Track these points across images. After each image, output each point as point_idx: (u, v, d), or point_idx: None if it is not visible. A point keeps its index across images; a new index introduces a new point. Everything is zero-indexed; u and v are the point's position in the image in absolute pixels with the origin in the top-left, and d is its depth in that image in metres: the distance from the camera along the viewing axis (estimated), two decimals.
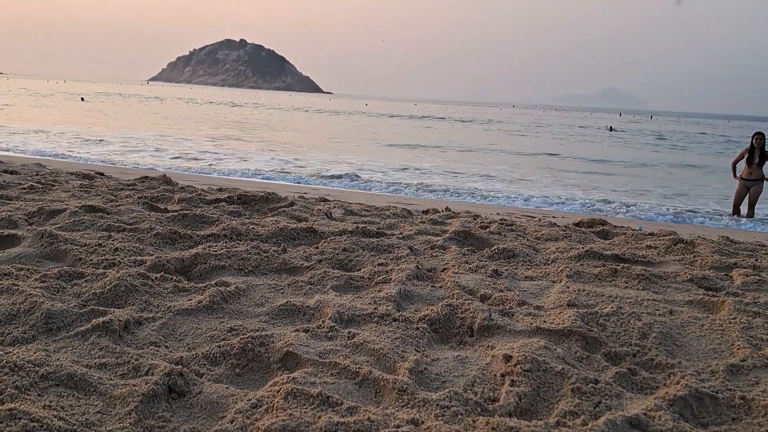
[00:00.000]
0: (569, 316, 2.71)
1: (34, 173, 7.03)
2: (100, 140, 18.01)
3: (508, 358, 2.24)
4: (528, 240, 4.62)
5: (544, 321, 2.73)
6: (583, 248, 4.19)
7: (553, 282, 3.49)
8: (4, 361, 1.97)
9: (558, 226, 5.41)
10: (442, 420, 1.84)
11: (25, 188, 5.55)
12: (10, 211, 4.31)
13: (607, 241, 4.83)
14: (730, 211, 10.35)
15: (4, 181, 5.87)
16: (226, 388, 2.02)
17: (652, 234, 5.11)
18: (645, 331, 2.60)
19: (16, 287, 2.66)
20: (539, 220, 6.24)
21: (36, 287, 2.72)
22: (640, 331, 2.60)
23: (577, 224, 5.57)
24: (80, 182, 6.39)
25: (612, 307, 2.85)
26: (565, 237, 4.82)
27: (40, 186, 5.75)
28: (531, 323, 2.69)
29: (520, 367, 2.16)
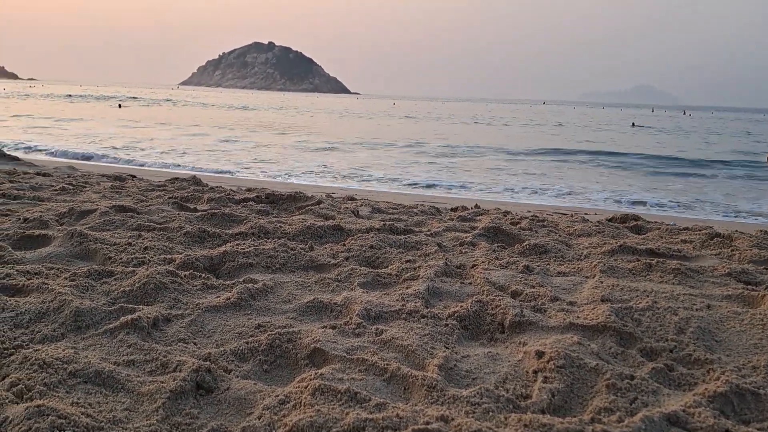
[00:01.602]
0: (603, 312, 2.64)
1: (66, 175, 7.15)
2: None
3: (540, 354, 2.19)
4: (560, 236, 4.54)
5: (578, 317, 2.67)
6: (616, 243, 4.10)
7: (586, 277, 3.42)
8: (34, 358, 1.98)
9: (590, 221, 5.31)
10: (472, 417, 1.79)
11: (56, 190, 5.65)
12: (41, 211, 4.38)
13: (641, 236, 4.72)
14: None
15: (36, 183, 5.97)
16: (254, 384, 2.01)
17: (687, 228, 4.99)
18: (682, 326, 2.52)
19: (46, 286, 2.69)
20: (571, 215, 6.14)
21: (65, 286, 2.74)
22: (677, 326, 2.52)
23: (610, 219, 5.46)
24: (111, 184, 6.48)
25: (647, 302, 2.77)
26: (598, 232, 4.72)
27: (71, 187, 5.84)
28: (564, 319, 2.63)
29: (553, 363, 2.10)
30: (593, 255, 3.91)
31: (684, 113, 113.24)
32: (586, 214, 6.99)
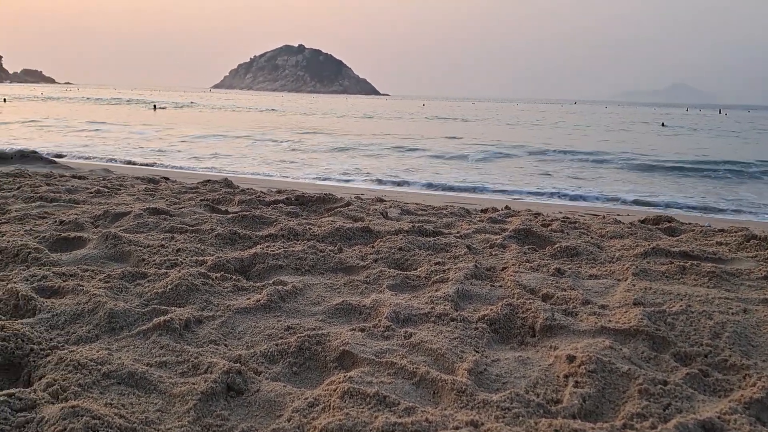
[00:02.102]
0: (635, 315, 2.60)
1: (101, 178, 7.29)
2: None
3: (571, 358, 2.17)
4: (592, 238, 4.48)
5: (609, 320, 2.63)
6: (649, 245, 4.03)
7: (619, 280, 3.36)
8: (69, 359, 2.02)
9: (622, 223, 5.23)
10: (502, 422, 1.78)
11: (91, 192, 5.76)
12: (77, 214, 4.47)
13: (675, 238, 4.63)
14: None
15: (72, 186, 6.10)
16: (284, 386, 2.02)
17: (722, 230, 4.88)
18: (717, 330, 2.47)
19: (81, 287, 2.74)
20: (603, 217, 6.06)
21: (100, 287, 2.80)
22: (712, 331, 2.46)
23: (642, 221, 5.37)
24: (145, 186, 6.59)
25: (681, 306, 2.72)
26: (631, 234, 4.65)
27: (106, 190, 5.95)
28: (595, 323, 2.59)
29: (585, 368, 2.08)
30: (625, 257, 3.85)
31: (720, 112, 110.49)
32: (618, 215, 6.89)
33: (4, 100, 51.95)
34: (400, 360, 2.17)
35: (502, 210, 6.01)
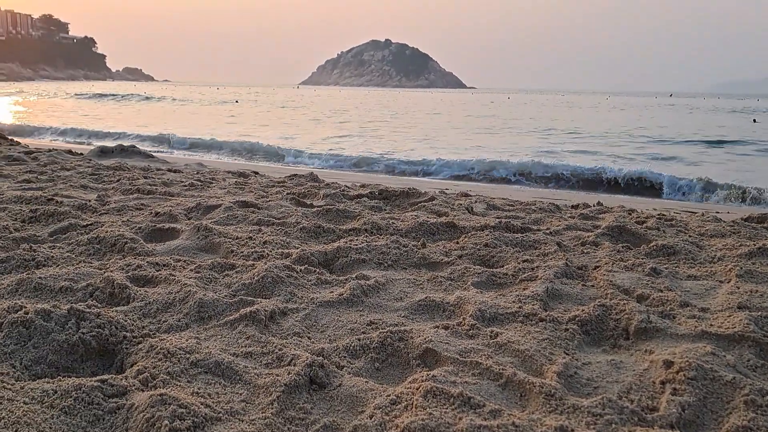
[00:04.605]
0: (740, 320, 2.42)
1: (195, 172, 7.57)
2: None
3: (669, 364, 2.03)
4: (690, 236, 4.22)
5: (711, 324, 2.46)
6: (754, 245, 3.74)
7: (721, 282, 3.14)
8: (159, 347, 2.08)
9: (723, 221, 4.91)
10: (593, 428, 1.68)
11: (185, 185, 5.99)
12: (171, 206, 4.65)
13: None
14: None
15: (168, 179, 6.37)
16: (366, 382, 2.00)
17: None
18: None
19: (173, 277, 2.83)
20: (702, 215, 5.70)
21: (191, 277, 2.88)
22: None
23: (746, 219, 5.01)
24: (235, 180, 6.78)
25: None
26: (733, 233, 4.34)
27: (199, 183, 6.17)
28: (695, 327, 2.43)
29: (684, 375, 1.94)
30: (728, 257, 3.59)
31: None
32: (718, 212, 6.48)
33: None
34: (485, 360, 2.10)
35: (594, 206, 5.78)
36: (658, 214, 5.29)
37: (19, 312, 2.15)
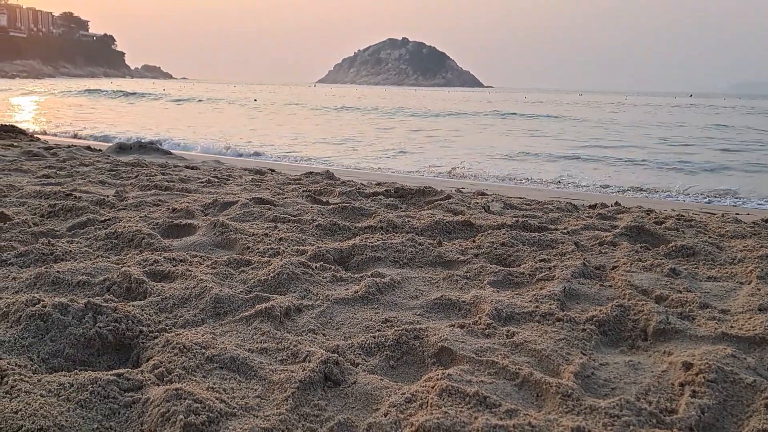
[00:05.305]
0: (762, 322, 2.38)
1: (212, 169, 7.61)
2: None
3: (688, 365, 2.00)
4: (710, 237, 4.16)
5: (731, 326, 2.42)
6: None
7: (741, 283, 3.10)
8: (175, 342, 2.08)
9: (744, 222, 4.84)
10: (611, 430, 1.66)
11: (203, 182, 6.03)
12: (188, 202, 4.67)
13: None
14: None
15: (185, 176, 6.41)
16: (380, 379, 1.98)
17: None
18: None
19: (190, 273, 2.84)
20: (722, 216, 5.62)
21: (207, 273, 2.88)
22: None
23: (766, 221, 4.94)
24: (252, 177, 6.81)
25: None
26: (754, 234, 4.28)
27: (216, 180, 6.20)
28: (715, 328, 2.39)
29: (703, 377, 1.91)
30: (749, 259, 3.54)
31: None
32: (738, 214, 6.39)
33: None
34: (501, 360, 2.08)
35: (611, 206, 5.73)
36: (677, 215, 5.23)
37: (36, 305, 2.16)
